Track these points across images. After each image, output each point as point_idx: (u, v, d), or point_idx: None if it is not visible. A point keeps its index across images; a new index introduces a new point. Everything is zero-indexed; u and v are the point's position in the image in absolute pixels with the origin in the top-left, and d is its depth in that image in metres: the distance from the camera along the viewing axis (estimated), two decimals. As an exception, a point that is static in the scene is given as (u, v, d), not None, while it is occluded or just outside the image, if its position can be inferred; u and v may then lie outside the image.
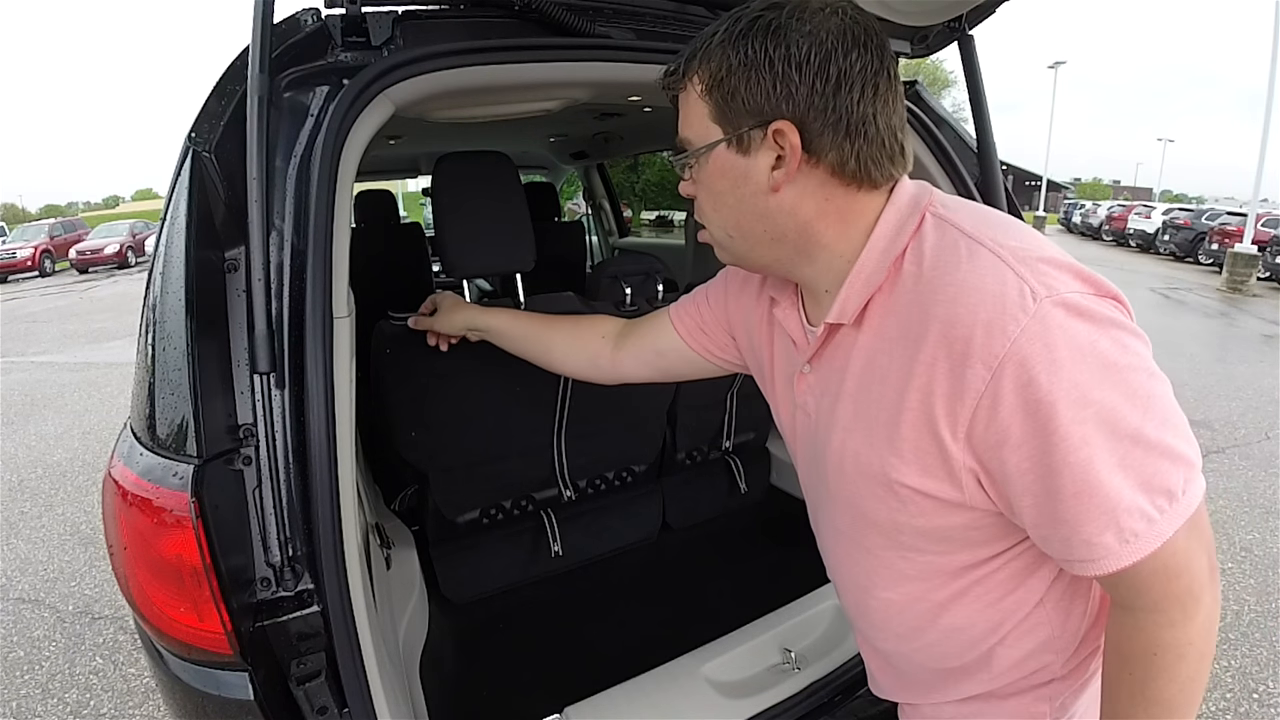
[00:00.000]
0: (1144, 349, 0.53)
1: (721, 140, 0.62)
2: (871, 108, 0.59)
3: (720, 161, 0.63)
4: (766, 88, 0.58)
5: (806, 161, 0.59)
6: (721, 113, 0.61)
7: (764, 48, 0.58)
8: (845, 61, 0.58)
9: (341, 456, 0.81)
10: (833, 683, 1.22)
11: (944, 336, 0.54)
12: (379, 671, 0.84)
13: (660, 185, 7.99)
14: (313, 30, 0.93)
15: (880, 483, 0.62)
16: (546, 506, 1.87)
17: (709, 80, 0.62)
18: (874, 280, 0.60)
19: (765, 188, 0.61)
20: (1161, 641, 0.55)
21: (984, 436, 0.54)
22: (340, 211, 0.85)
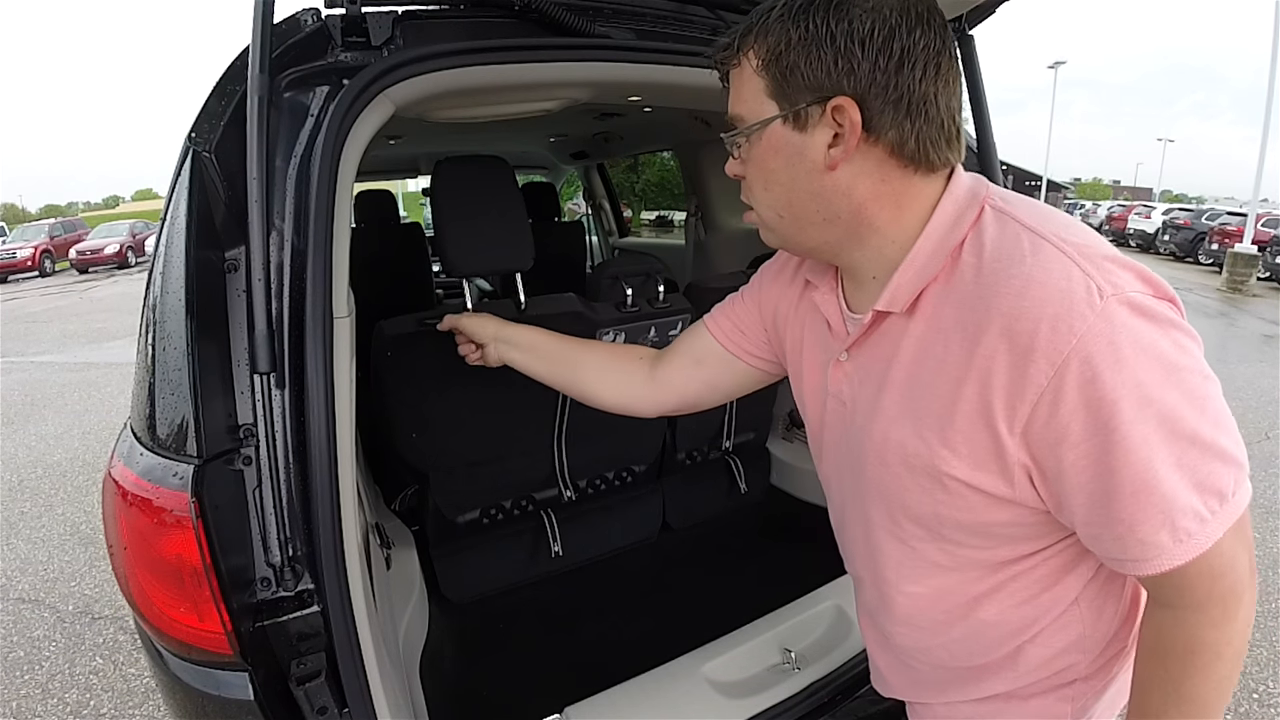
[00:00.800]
0: (1198, 351, 0.53)
1: (777, 116, 0.60)
2: (933, 87, 0.57)
3: (775, 138, 0.61)
4: (828, 63, 0.56)
5: (865, 140, 0.58)
6: (779, 88, 0.59)
7: (826, 22, 0.56)
8: (909, 39, 0.56)
9: (341, 456, 0.81)
10: (833, 683, 1.22)
11: (1007, 330, 0.52)
12: (379, 671, 0.84)
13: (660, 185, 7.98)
14: (313, 30, 0.93)
15: (928, 474, 0.60)
16: (547, 506, 1.87)
17: (766, 55, 0.59)
18: (929, 269, 0.59)
19: (821, 166, 0.59)
20: (1202, 640, 0.55)
21: (1042, 433, 0.53)
22: (340, 211, 0.85)
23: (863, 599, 0.83)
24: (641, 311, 1.63)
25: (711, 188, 2.96)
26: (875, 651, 0.86)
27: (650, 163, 7.51)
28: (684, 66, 1.15)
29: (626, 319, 1.61)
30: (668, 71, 1.15)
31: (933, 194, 0.60)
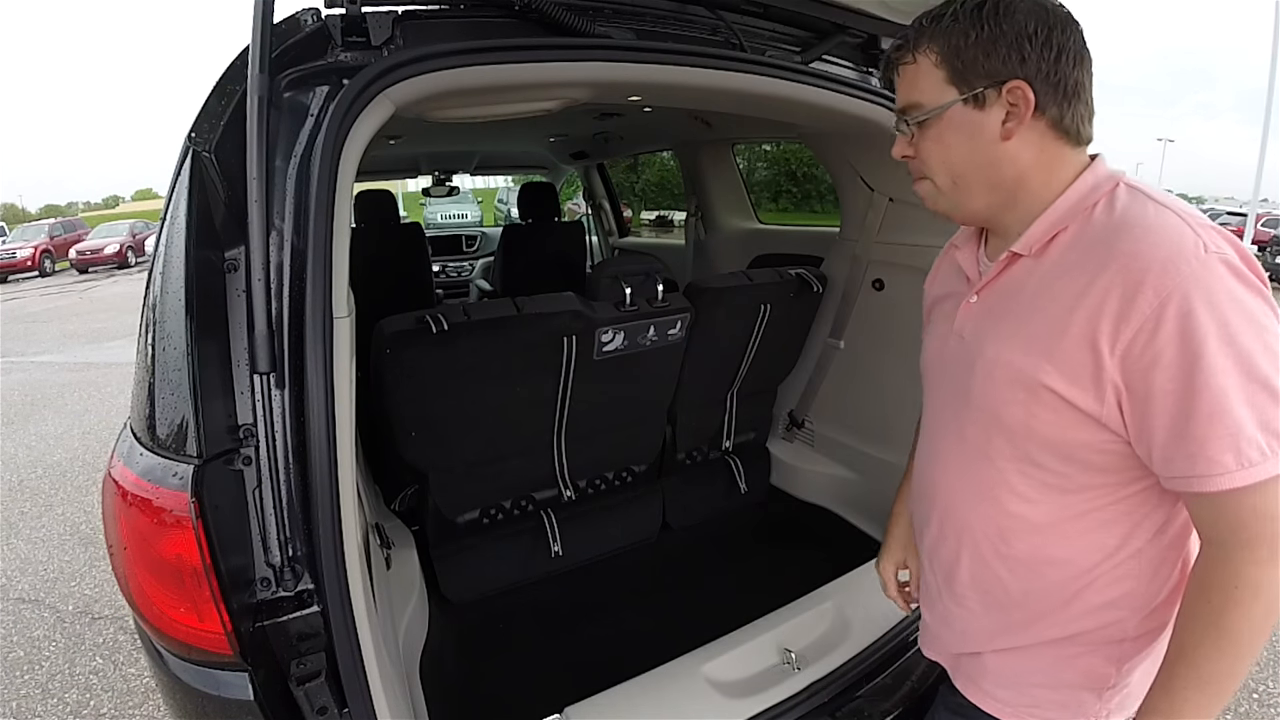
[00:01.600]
0: (1277, 323, 0.61)
1: (958, 99, 0.72)
2: (1081, 75, 0.70)
3: (957, 117, 0.72)
4: (1003, 55, 0.69)
5: (1035, 117, 0.70)
6: (959, 77, 0.71)
7: (999, 23, 0.69)
8: (1062, 37, 0.69)
9: (341, 456, 0.81)
10: (833, 683, 1.22)
11: (1124, 267, 0.62)
12: (379, 671, 0.84)
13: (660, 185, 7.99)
14: (313, 30, 0.93)
15: (1027, 387, 0.69)
16: (546, 506, 1.87)
17: (945, 51, 0.72)
18: (1062, 221, 0.71)
19: (997, 137, 0.71)
20: (1245, 576, 0.61)
21: (1139, 357, 0.62)
22: (340, 211, 0.85)
23: (927, 543, 0.89)
24: (640, 311, 1.63)
25: (711, 188, 2.96)
26: (932, 603, 0.92)
27: (650, 163, 7.52)
28: (684, 66, 1.15)
29: (625, 318, 1.61)
30: (668, 71, 1.15)
31: (1077, 164, 0.72)
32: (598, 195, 4.28)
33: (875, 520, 1.94)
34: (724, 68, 1.20)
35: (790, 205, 7.05)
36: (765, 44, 1.34)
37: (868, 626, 1.33)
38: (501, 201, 8.46)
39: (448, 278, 4.73)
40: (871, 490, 1.95)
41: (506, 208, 7.71)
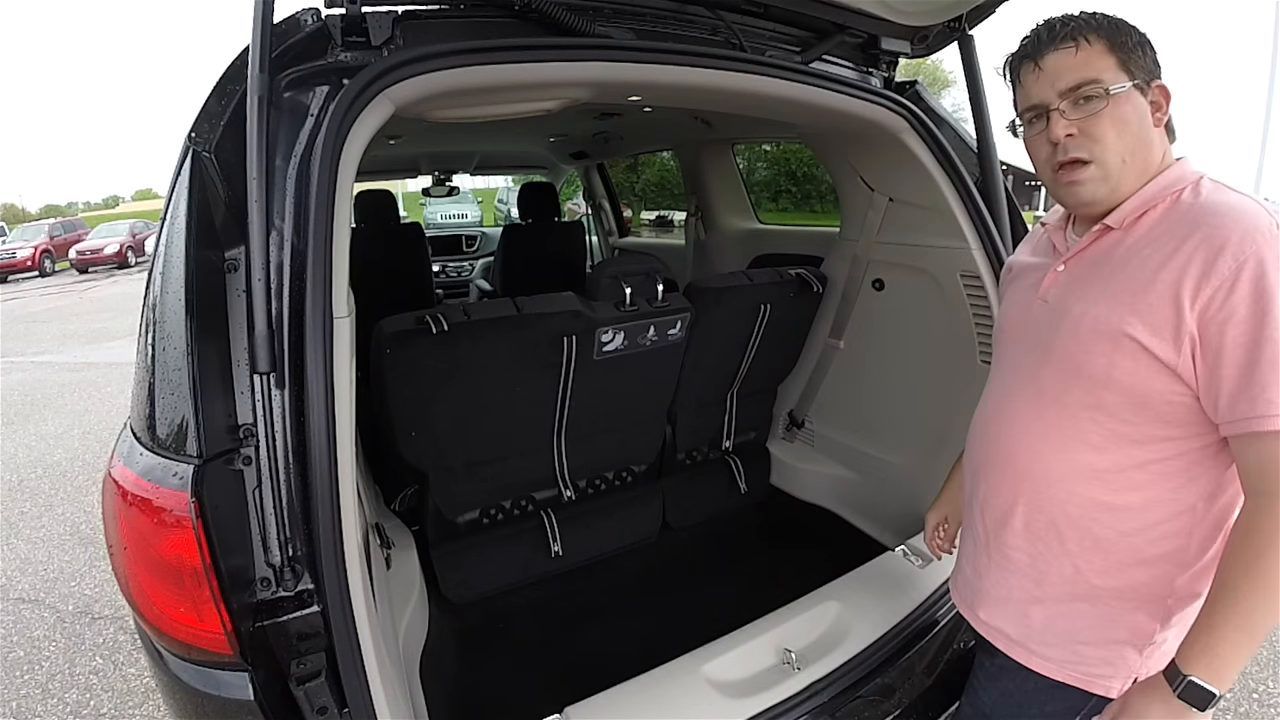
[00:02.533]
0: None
1: (1134, 83, 0.80)
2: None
3: (1134, 100, 0.80)
4: (1151, 56, 0.81)
5: (1167, 113, 0.82)
6: (1129, 67, 0.80)
7: (1138, 31, 0.81)
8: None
9: (341, 456, 0.81)
10: (833, 683, 1.22)
11: (1208, 236, 0.72)
12: (379, 671, 0.84)
13: (660, 185, 7.99)
14: (313, 30, 0.93)
15: (1110, 338, 0.78)
16: (546, 506, 1.87)
17: (1113, 42, 0.80)
18: (1151, 201, 0.80)
19: (1150, 123, 0.81)
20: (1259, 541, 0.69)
21: (1215, 313, 0.71)
22: (340, 211, 0.85)
23: (980, 496, 0.95)
24: (640, 310, 1.63)
25: (711, 188, 2.96)
26: (975, 555, 0.98)
27: (650, 163, 7.52)
28: (684, 66, 1.15)
29: (625, 318, 1.61)
30: (668, 71, 1.15)
31: (1168, 155, 0.84)
32: (598, 195, 4.28)
33: (875, 520, 1.94)
34: (724, 68, 1.20)
35: (790, 205, 7.05)
36: (765, 44, 1.34)
37: (868, 626, 1.33)
38: (501, 201, 8.45)
39: (448, 278, 4.73)
40: (871, 490, 1.95)
41: (506, 208, 7.71)
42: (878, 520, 1.92)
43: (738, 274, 1.82)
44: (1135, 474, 0.80)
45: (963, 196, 1.47)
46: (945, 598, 1.37)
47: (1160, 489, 0.79)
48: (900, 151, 1.51)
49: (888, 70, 1.53)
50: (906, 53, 1.48)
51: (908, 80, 1.56)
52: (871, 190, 1.79)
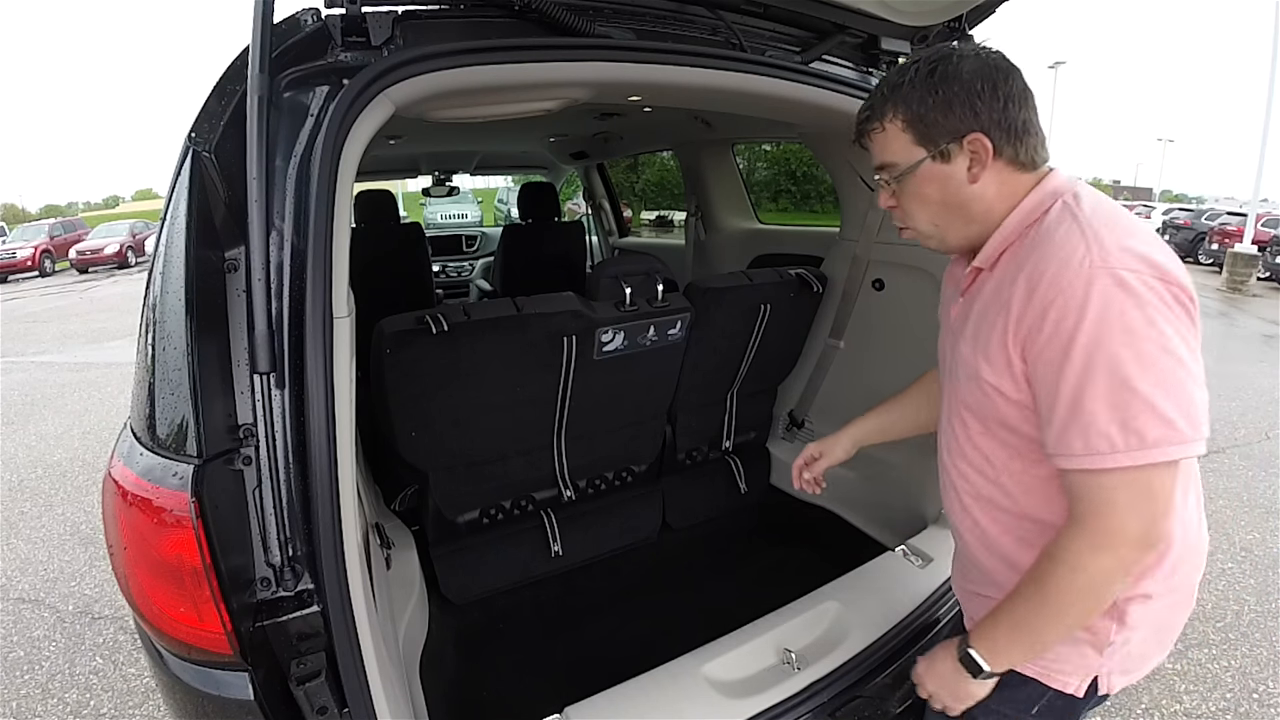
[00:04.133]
0: (1174, 331, 0.68)
1: (927, 157, 0.82)
2: (1028, 113, 0.81)
3: (928, 172, 0.83)
4: (959, 113, 0.80)
5: (994, 160, 0.80)
6: (924, 138, 0.82)
7: (949, 86, 0.79)
8: (1007, 86, 0.79)
9: (341, 456, 0.81)
10: (833, 683, 1.22)
11: (1026, 277, 0.75)
12: (379, 671, 0.84)
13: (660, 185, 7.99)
14: (313, 30, 0.93)
15: (975, 379, 0.83)
16: (546, 506, 1.87)
17: (909, 117, 0.82)
18: (1009, 239, 0.82)
19: (965, 182, 0.82)
20: (1069, 551, 0.73)
21: (1033, 355, 0.74)
22: (340, 211, 0.85)
23: (944, 495, 0.99)
24: (640, 310, 1.63)
25: (711, 188, 2.96)
26: (959, 541, 1.00)
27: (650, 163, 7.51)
28: (684, 66, 1.15)
29: (625, 318, 1.61)
30: (668, 71, 1.15)
31: (1029, 184, 0.82)
32: (598, 195, 4.28)
33: (875, 520, 1.94)
34: (724, 68, 1.20)
35: (790, 205, 7.04)
36: (765, 44, 1.34)
37: (868, 626, 1.33)
38: (501, 201, 8.46)
39: (448, 278, 4.73)
40: (871, 490, 1.95)
41: (506, 208, 7.72)
42: (877, 520, 1.92)
43: (738, 274, 1.82)
44: (1043, 490, 0.82)
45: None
46: (945, 597, 1.37)
47: (1056, 492, 0.80)
48: (900, 151, 1.50)
49: (888, 70, 1.53)
50: (906, 53, 1.48)
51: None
52: (871, 190, 1.79)
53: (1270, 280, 11.21)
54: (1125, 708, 1.95)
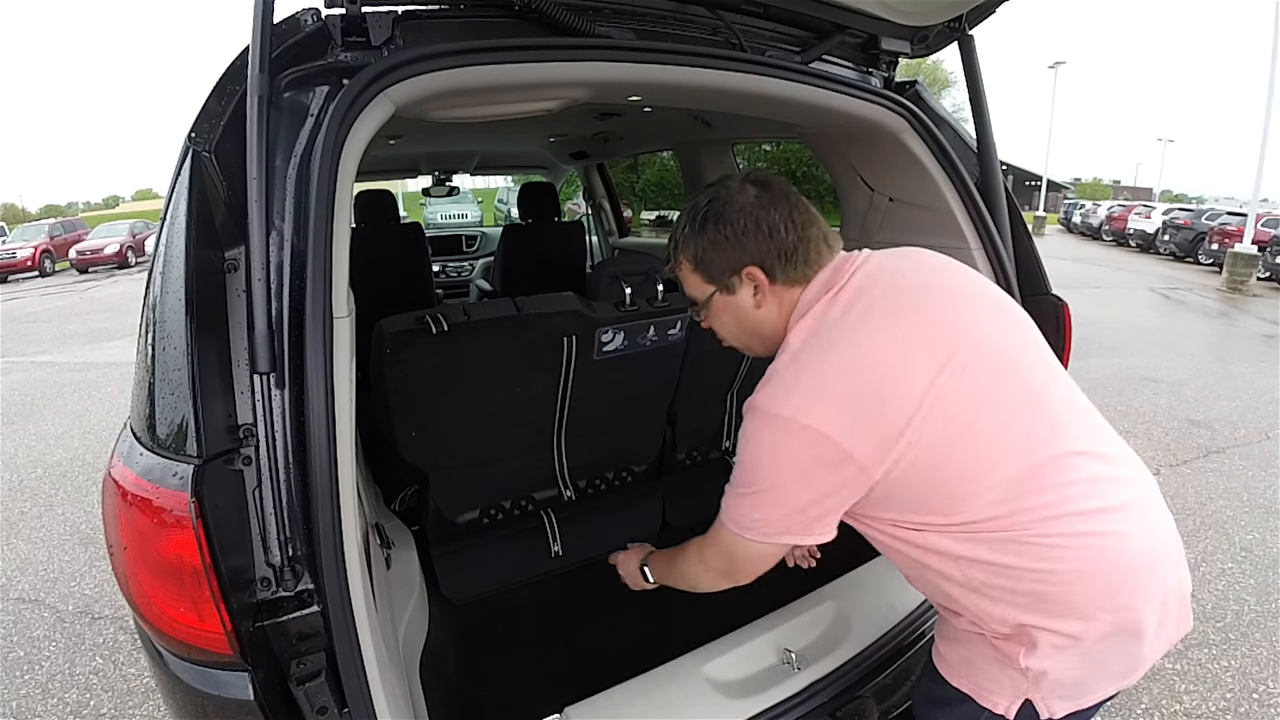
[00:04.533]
0: (769, 434, 0.84)
1: (715, 292, 0.96)
2: (794, 235, 0.90)
3: (720, 304, 0.97)
4: (731, 252, 0.92)
5: (771, 285, 0.92)
6: (709, 276, 0.95)
7: (719, 229, 0.92)
8: (770, 219, 0.90)
9: (341, 456, 0.81)
10: (833, 683, 1.22)
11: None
12: (379, 671, 0.84)
13: (660, 185, 8.00)
14: (313, 30, 0.93)
15: None
16: (546, 506, 1.87)
17: (692, 260, 0.96)
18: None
19: (752, 308, 0.94)
20: (692, 555, 1.05)
21: None
22: (340, 211, 0.85)
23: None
24: (640, 311, 1.63)
25: (711, 188, 2.95)
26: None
27: (650, 163, 7.52)
28: (684, 66, 1.15)
29: (625, 318, 1.61)
30: (668, 71, 1.15)
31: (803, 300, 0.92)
32: (598, 195, 4.28)
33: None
34: (724, 68, 1.20)
35: (790, 205, 6.98)
36: (765, 44, 1.34)
37: (868, 626, 1.33)
38: (501, 201, 8.46)
39: (448, 278, 4.73)
40: (871, 490, 1.94)
41: (506, 208, 7.72)
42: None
43: None
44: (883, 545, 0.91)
45: (963, 196, 1.47)
46: (945, 598, 1.37)
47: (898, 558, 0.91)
48: (900, 151, 1.50)
49: (888, 70, 1.53)
50: (906, 53, 1.48)
51: (908, 80, 1.56)
52: (871, 190, 1.79)
53: (1270, 280, 11.22)
54: (1125, 708, 1.95)
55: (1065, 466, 0.80)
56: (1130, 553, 0.80)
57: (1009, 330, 0.88)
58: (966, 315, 0.85)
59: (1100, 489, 0.81)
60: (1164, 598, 0.82)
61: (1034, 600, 0.80)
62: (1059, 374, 0.89)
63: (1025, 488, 0.78)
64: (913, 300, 0.86)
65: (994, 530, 0.79)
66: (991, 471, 0.79)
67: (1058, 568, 0.78)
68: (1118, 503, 0.81)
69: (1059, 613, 0.80)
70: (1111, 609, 0.79)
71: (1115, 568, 0.79)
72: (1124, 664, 0.83)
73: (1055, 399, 0.85)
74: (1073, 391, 0.89)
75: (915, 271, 0.92)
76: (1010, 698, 0.85)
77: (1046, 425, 0.81)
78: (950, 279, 0.92)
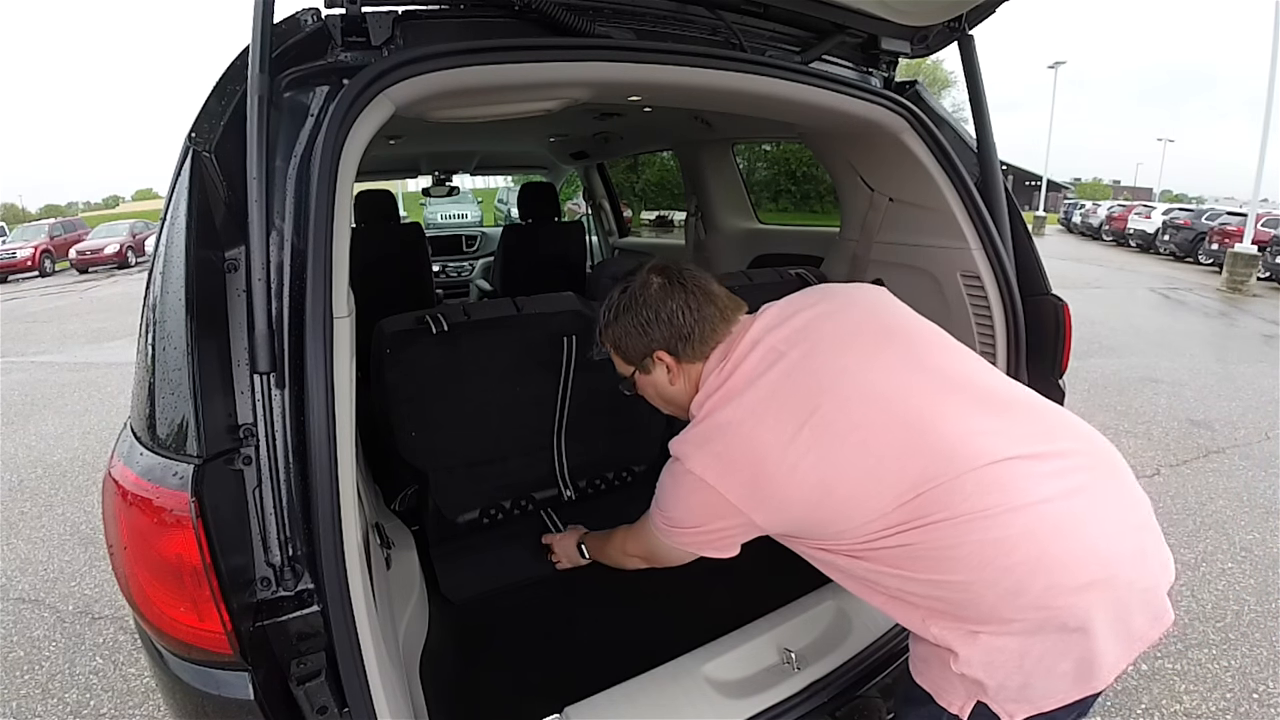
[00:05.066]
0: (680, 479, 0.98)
1: (635, 371, 1.11)
2: (693, 318, 1.02)
3: (641, 381, 1.13)
4: (640, 340, 1.06)
5: (678, 364, 1.05)
6: (626, 358, 1.11)
7: (629, 320, 1.06)
8: (668, 308, 1.03)
9: (341, 456, 0.81)
10: (833, 683, 1.22)
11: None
12: (379, 671, 0.84)
13: (660, 185, 8.00)
14: (313, 30, 0.93)
15: None
16: (546, 506, 1.87)
17: (611, 343, 1.12)
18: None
19: (667, 384, 1.09)
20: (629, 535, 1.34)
21: None
22: (340, 211, 0.85)
23: None
24: None
25: (711, 188, 2.96)
26: None
27: (650, 163, 7.52)
28: (684, 66, 1.15)
29: None
30: (668, 71, 1.15)
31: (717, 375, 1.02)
32: (598, 195, 4.28)
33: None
34: (724, 68, 1.20)
35: (790, 205, 7.04)
36: (765, 44, 1.34)
37: (868, 626, 1.33)
38: (501, 201, 8.45)
39: (448, 278, 4.73)
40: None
41: (506, 208, 7.71)
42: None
43: (738, 274, 1.82)
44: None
45: (963, 196, 1.47)
46: (945, 598, 1.37)
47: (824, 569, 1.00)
48: (900, 151, 1.50)
49: (888, 70, 1.53)
50: (906, 53, 1.48)
51: (908, 80, 1.56)
52: (871, 190, 1.79)
53: (1270, 280, 11.21)
54: (1125, 708, 1.95)
55: (957, 485, 0.81)
56: (1036, 551, 0.79)
57: (890, 367, 0.92)
58: (838, 366, 0.93)
59: (999, 491, 0.80)
60: (1116, 593, 0.80)
61: (946, 606, 0.84)
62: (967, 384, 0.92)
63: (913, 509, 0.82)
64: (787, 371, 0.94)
65: (888, 546, 0.85)
66: (873, 503, 0.84)
67: (953, 577, 0.81)
68: (1025, 500, 0.80)
69: (970, 617, 0.82)
70: (1025, 608, 0.79)
71: (1014, 569, 0.78)
72: (1075, 665, 0.81)
73: (949, 420, 0.86)
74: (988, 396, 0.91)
75: (798, 334, 0.98)
76: (962, 698, 0.87)
77: (931, 449, 0.84)
78: (833, 327, 0.98)
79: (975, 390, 0.92)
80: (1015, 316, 1.45)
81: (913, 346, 0.96)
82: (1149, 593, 0.84)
